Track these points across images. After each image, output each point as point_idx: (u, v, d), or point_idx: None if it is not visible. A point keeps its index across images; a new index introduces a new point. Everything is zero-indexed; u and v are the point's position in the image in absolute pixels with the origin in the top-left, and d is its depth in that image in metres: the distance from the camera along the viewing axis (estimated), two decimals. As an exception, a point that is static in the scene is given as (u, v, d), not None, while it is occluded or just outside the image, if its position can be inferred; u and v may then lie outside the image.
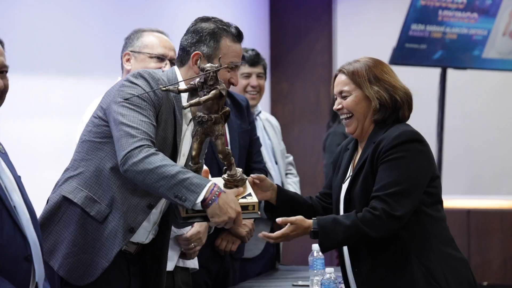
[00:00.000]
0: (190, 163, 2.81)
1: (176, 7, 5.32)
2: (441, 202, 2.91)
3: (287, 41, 7.35)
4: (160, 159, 2.65)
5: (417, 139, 2.84)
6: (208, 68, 2.70)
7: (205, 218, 2.70)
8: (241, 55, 2.92)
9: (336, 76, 2.99)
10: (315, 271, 3.49)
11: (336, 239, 2.76)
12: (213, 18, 2.92)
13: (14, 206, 2.32)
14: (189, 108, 2.88)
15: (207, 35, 2.87)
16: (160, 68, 3.37)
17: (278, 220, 2.80)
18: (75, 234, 2.77)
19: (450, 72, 6.17)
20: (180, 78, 2.87)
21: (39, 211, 2.57)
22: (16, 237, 2.29)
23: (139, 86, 2.77)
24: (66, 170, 2.88)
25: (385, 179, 2.77)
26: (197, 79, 2.74)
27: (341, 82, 2.94)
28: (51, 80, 4.25)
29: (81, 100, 4.26)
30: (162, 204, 2.91)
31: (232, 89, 3.90)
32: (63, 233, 2.78)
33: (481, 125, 6.99)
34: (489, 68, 6.30)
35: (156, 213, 2.90)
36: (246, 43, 4.37)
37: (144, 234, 2.90)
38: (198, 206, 2.64)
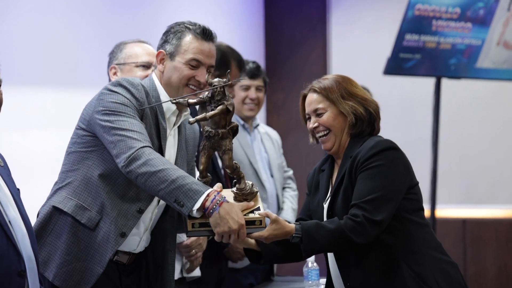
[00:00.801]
0: (198, 177, 2.83)
1: (171, 19, 5.32)
2: (423, 209, 2.94)
3: (282, 51, 7.37)
4: (163, 162, 2.68)
5: (392, 147, 2.87)
6: (216, 83, 2.73)
7: (211, 232, 2.69)
8: (209, 53, 2.90)
9: (304, 96, 3.00)
10: (310, 282, 3.50)
11: (320, 243, 2.77)
12: (186, 21, 2.94)
13: (9, 221, 2.32)
14: (173, 113, 2.91)
15: (171, 34, 2.92)
16: (147, 75, 3.40)
17: (262, 213, 2.76)
18: (68, 243, 2.79)
19: (445, 81, 6.19)
20: (157, 83, 2.92)
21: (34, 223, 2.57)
22: (9, 252, 2.28)
23: (119, 94, 2.80)
24: (55, 183, 2.91)
25: (364, 187, 2.80)
26: (206, 93, 2.76)
27: (314, 101, 2.95)
28: (46, 92, 4.25)
29: (77, 111, 4.26)
30: (152, 210, 2.91)
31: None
32: (56, 243, 2.80)
33: (476, 134, 7.00)
34: (483, 78, 6.31)
35: (146, 220, 2.90)
36: (242, 54, 4.38)
37: (135, 241, 2.90)
38: (196, 214, 2.65)
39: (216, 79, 2.75)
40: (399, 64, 5.92)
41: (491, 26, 6.11)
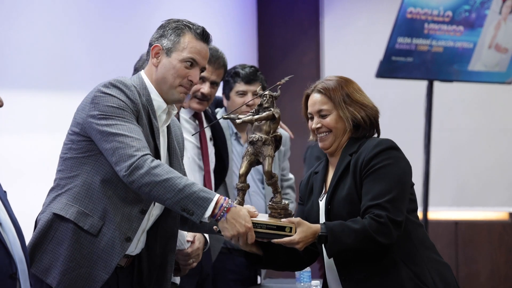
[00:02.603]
0: (236, 182, 2.88)
1: (163, 22, 5.33)
2: (417, 209, 2.96)
3: (274, 55, 7.38)
4: (166, 171, 2.68)
5: (395, 147, 2.89)
6: (266, 93, 2.86)
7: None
8: (206, 55, 2.93)
9: (308, 95, 3.00)
10: (302, 284, 3.51)
11: (345, 242, 2.74)
12: (184, 19, 2.95)
13: (0, 223, 2.31)
14: (163, 111, 2.91)
15: (170, 29, 2.91)
16: None
17: (285, 220, 2.77)
18: (71, 250, 2.76)
19: (437, 84, 6.21)
20: (147, 81, 2.90)
21: (24, 228, 2.56)
22: (0, 255, 2.28)
23: (114, 96, 2.78)
24: (52, 190, 2.87)
25: (378, 187, 2.79)
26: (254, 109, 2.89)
27: (318, 101, 2.95)
28: (37, 96, 4.25)
29: (68, 115, 4.25)
30: (149, 211, 2.89)
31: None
32: (57, 250, 2.78)
33: (468, 137, 7.03)
34: (475, 81, 6.34)
35: (144, 221, 2.88)
36: (235, 58, 4.39)
37: (133, 244, 2.88)
38: (207, 220, 2.69)
39: (267, 91, 2.87)
40: (391, 67, 5.94)
41: (483, 29, 6.14)
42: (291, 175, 4.52)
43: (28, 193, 3.83)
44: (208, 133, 3.97)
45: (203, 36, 2.91)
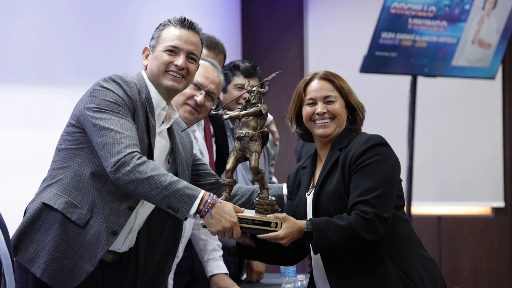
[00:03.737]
0: (224, 177, 2.88)
1: (148, 21, 5.32)
2: (404, 205, 2.96)
3: (258, 50, 7.39)
4: (151, 168, 2.69)
5: (384, 143, 2.89)
6: (254, 89, 2.87)
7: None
8: (187, 39, 2.95)
9: (309, 81, 2.99)
10: (287, 279, 3.52)
11: (331, 239, 2.74)
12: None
13: (-17, 218, 2.31)
14: (163, 109, 2.92)
15: (155, 31, 2.99)
16: (194, 95, 3.39)
17: (271, 216, 2.78)
18: (57, 240, 2.78)
19: (420, 79, 6.24)
20: (146, 80, 2.94)
21: (9, 222, 2.56)
22: (-16, 251, 2.27)
23: (112, 91, 2.80)
24: (44, 180, 2.89)
25: (366, 183, 2.79)
26: (242, 104, 2.89)
27: (325, 88, 2.95)
28: (21, 90, 4.23)
29: (51, 110, 4.24)
30: (137, 209, 2.90)
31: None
32: (44, 239, 2.79)
33: (451, 132, 7.06)
34: (458, 76, 6.38)
35: (131, 219, 2.89)
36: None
37: (120, 240, 2.89)
38: (193, 217, 2.70)
39: (254, 87, 2.88)
40: (375, 62, 5.96)
41: (466, 24, 6.17)
42: (274, 179, 4.55)
43: (12, 187, 3.81)
44: (212, 129, 3.98)
45: (182, 23, 2.95)
